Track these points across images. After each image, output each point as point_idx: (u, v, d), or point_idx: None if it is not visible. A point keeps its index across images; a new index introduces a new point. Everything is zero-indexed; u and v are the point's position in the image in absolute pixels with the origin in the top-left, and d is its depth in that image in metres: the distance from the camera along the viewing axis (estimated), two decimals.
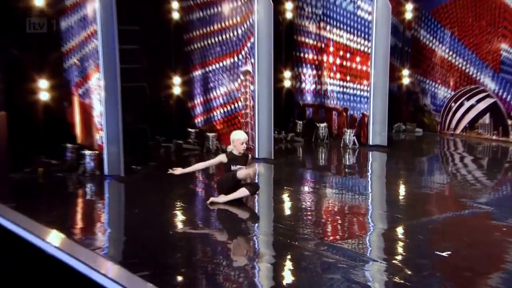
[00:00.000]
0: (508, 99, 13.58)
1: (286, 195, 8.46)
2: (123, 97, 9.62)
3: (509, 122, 13.53)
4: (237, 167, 7.43)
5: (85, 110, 10.24)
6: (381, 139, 12.88)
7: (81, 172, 9.74)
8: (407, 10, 15.08)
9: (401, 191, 8.87)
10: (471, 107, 14.52)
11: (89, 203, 8.25)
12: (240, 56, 11.74)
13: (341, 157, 12.55)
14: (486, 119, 14.20)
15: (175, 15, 12.76)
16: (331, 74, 13.97)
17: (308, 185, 9.29)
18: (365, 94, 13.13)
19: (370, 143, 12.98)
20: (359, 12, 13.01)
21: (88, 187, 9.29)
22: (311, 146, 13.65)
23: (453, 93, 14.90)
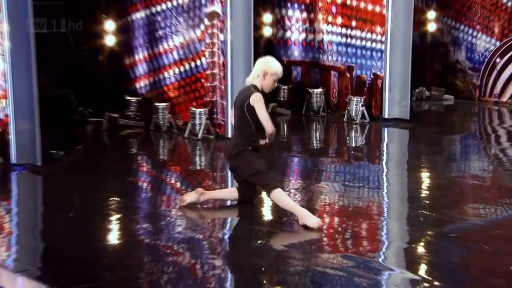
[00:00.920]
0: None
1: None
2: (38, 50, 9.44)
3: None
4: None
5: None
6: (401, 111, 12.99)
7: None
8: None
9: (438, 183, 8.90)
10: None
11: None
12: None
13: (344, 137, 12.60)
14: None
15: None
16: (329, 18, 13.96)
17: (297, 178, 9.25)
18: (378, 46, 13.17)
19: (386, 116, 13.08)
20: None
21: None
22: (301, 121, 13.66)
23: (498, 44, 15.09)
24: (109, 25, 12.68)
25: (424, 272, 5.74)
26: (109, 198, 8.07)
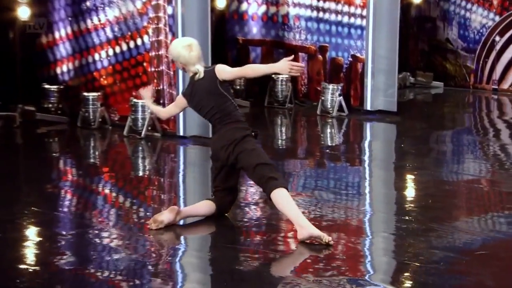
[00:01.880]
0: None
1: None
2: None
3: None
4: None
5: None
6: (386, 102, 13.18)
7: None
8: None
9: (437, 189, 9.04)
10: None
11: None
12: None
13: (317, 134, 12.67)
14: None
15: None
16: None
17: (257, 186, 9.25)
18: (358, 22, 13.36)
19: (368, 107, 13.29)
20: None
21: None
22: (262, 114, 13.75)
23: (498, 19, 15.48)
24: None
25: None
26: (23, 211, 7.96)
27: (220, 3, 14.35)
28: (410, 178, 9.78)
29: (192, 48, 7.34)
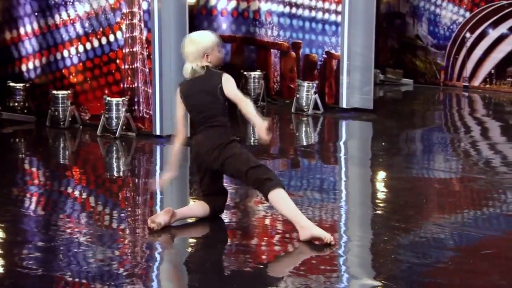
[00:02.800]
0: None
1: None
2: None
3: None
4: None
5: None
6: (362, 99, 13.11)
7: None
8: None
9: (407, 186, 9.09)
10: (500, 39, 15.16)
11: None
12: None
13: (292, 133, 12.60)
14: None
15: None
16: None
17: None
18: (333, 18, 13.24)
19: (344, 105, 13.19)
20: None
21: None
22: (234, 112, 13.51)
23: (468, 15, 15.44)
24: None
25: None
26: None
27: None
28: (388, 176, 9.81)
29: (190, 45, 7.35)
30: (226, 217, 7.69)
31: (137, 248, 7.00)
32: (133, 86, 11.40)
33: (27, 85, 12.53)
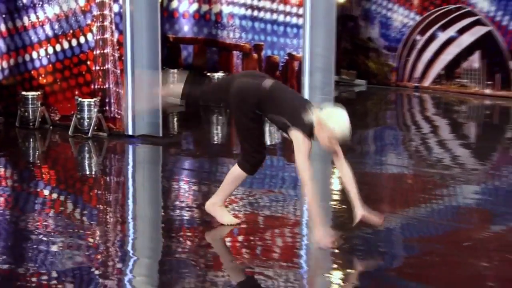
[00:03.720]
0: (510, 26, 14.64)
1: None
2: None
3: None
4: None
5: None
6: (324, 99, 13.16)
7: None
8: None
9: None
10: (449, 41, 15.45)
11: None
12: None
13: None
14: (475, 61, 15.17)
15: None
16: None
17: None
18: (294, 21, 13.39)
19: None
20: None
21: None
22: (197, 113, 13.59)
23: (418, 18, 15.71)
24: None
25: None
26: None
27: None
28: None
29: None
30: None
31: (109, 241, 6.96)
32: (104, 87, 11.35)
33: None
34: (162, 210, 8.10)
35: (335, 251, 6.53)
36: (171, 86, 8.26)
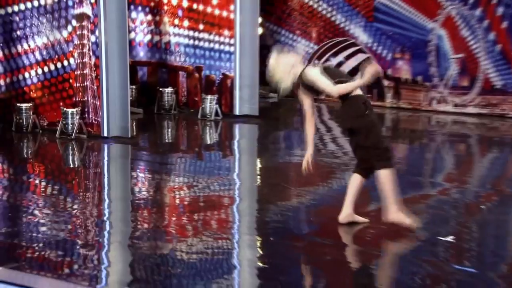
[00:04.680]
0: (384, 54, 14.96)
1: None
2: None
3: (385, 83, 14.92)
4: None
5: None
6: (250, 108, 13.24)
7: None
8: None
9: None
10: (339, 65, 15.51)
11: None
12: None
13: (198, 133, 12.62)
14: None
15: None
16: (175, 21, 13.87)
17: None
18: (227, 48, 13.32)
19: (237, 112, 13.27)
20: None
21: None
22: (154, 119, 13.46)
23: (316, 47, 15.90)
24: None
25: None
26: None
27: None
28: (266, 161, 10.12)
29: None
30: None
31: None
32: (84, 99, 11.14)
33: None
34: (130, 192, 8.22)
35: None
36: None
